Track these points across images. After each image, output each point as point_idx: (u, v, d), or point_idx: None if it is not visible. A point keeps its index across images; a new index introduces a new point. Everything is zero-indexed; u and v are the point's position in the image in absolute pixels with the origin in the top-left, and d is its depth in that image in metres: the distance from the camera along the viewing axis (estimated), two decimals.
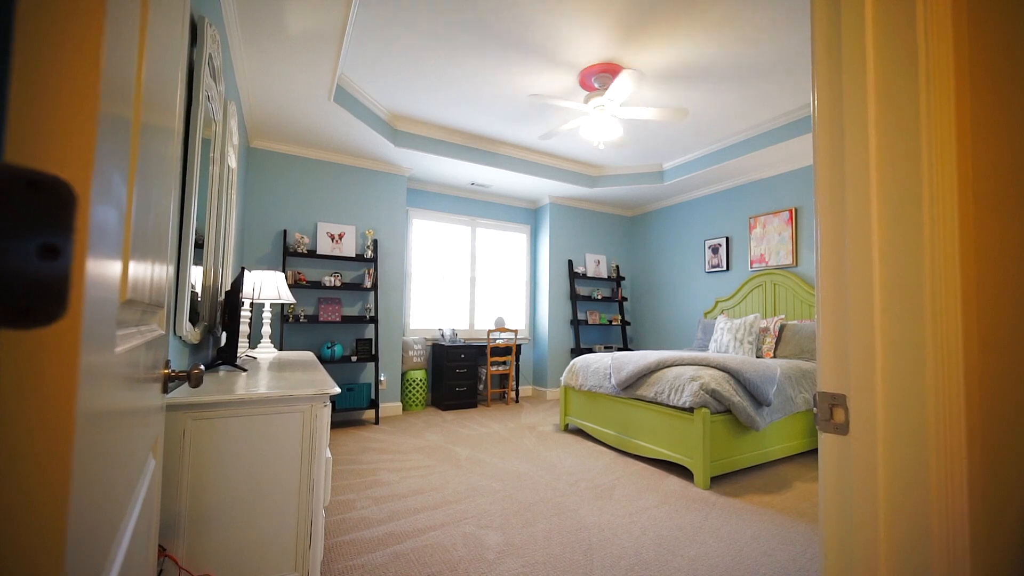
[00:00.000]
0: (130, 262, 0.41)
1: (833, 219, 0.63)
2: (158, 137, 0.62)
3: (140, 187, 0.45)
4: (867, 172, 0.59)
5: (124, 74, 0.37)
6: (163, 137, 0.69)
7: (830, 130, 0.64)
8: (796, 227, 4.42)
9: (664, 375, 3.04)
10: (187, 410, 1.32)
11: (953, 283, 0.52)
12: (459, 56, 3.04)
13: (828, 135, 0.64)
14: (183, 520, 1.30)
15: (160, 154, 0.65)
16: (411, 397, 4.76)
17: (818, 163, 0.65)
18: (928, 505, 0.51)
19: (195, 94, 1.64)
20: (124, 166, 0.37)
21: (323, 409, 1.51)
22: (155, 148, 0.62)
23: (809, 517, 2.27)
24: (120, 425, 0.44)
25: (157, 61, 0.60)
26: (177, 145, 0.87)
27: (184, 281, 1.58)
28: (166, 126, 0.71)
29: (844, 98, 0.62)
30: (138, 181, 0.43)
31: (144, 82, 0.45)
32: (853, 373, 0.57)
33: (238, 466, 1.38)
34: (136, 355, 0.52)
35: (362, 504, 2.39)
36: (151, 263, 0.59)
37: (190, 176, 1.62)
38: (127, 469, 0.49)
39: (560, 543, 2.00)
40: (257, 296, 2.82)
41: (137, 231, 0.44)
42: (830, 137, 0.64)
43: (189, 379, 0.86)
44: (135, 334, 0.51)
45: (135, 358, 0.52)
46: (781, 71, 3.15)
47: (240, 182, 3.55)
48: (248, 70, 2.90)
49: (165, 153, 0.71)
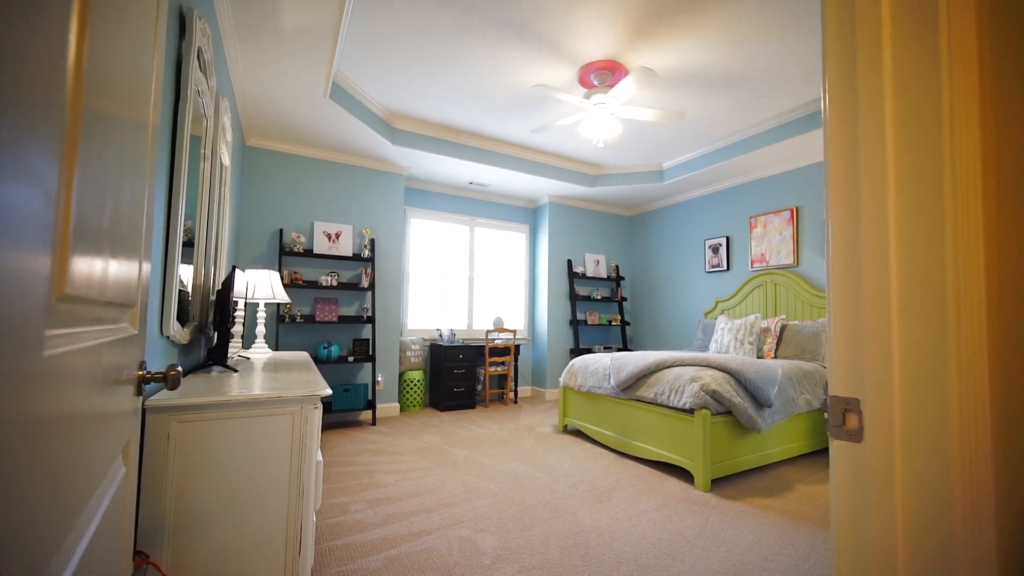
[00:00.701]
0: (70, 255, 0.37)
1: (845, 213, 0.59)
2: (122, 128, 0.59)
3: (87, 176, 0.41)
4: (883, 162, 0.55)
5: (41, 52, 0.33)
6: (131, 129, 0.65)
7: (842, 119, 0.60)
8: (797, 226, 4.38)
9: (664, 376, 3.00)
10: (172, 412, 1.27)
11: (977, 279, 0.48)
12: (457, 47, 3.00)
13: (840, 125, 0.60)
14: (168, 526, 1.26)
15: (126, 146, 0.62)
16: (409, 398, 4.71)
17: (829, 155, 0.61)
18: (952, 517, 0.47)
19: (183, 87, 1.60)
20: (50, 148, 0.33)
21: (313, 411, 1.47)
22: (117, 139, 0.59)
23: (812, 520, 2.23)
24: (63, 431, 0.40)
25: (115, 48, 0.56)
26: (154, 139, 0.83)
27: (171, 279, 1.54)
28: (135, 118, 0.67)
29: (858, 84, 0.58)
30: (82, 169, 0.40)
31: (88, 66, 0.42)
32: (868, 376, 0.53)
33: (225, 470, 1.34)
34: (91, 356, 0.48)
35: (357, 507, 2.34)
36: (111, 258, 0.55)
37: (178, 172, 1.58)
38: (77, 476, 0.45)
39: (558, 547, 1.96)
40: (251, 295, 2.78)
41: (82, 222, 0.40)
42: (842, 126, 0.60)
43: (166, 380, 0.82)
44: (88, 334, 0.47)
45: (90, 359, 0.48)
46: (782, 71, 3.11)
47: (235, 181, 3.51)
48: (242, 66, 2.85)
49: (134, 146, 0.67)
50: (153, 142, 0.83)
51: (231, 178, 3.13)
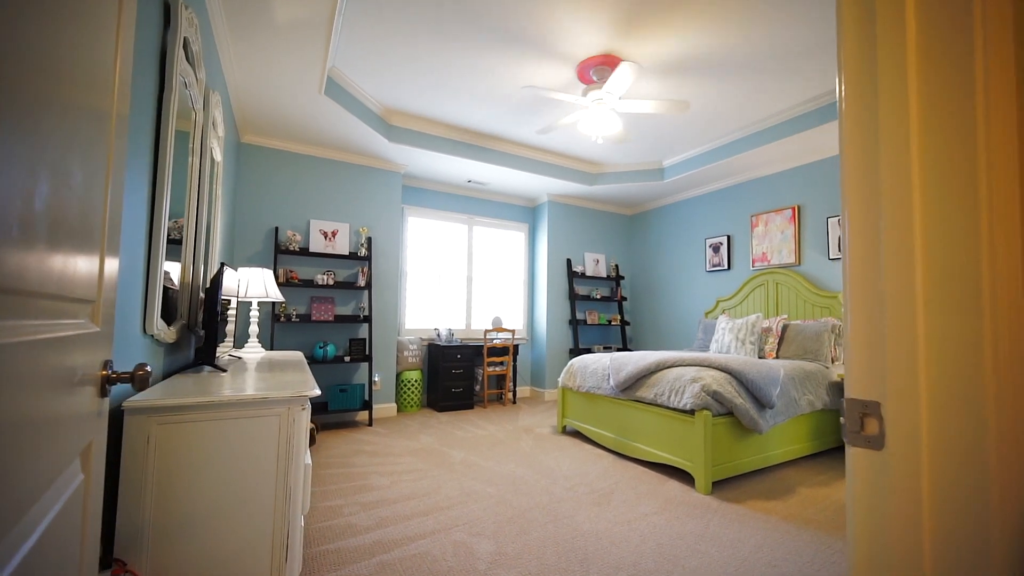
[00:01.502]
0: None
1: (863, 202, 0.54)
2: (67, 113, 0.54)
3: (21, 161, 0.37)
4: (905, 148, 0.50)
5: None
6: (83, 116, 0.60)
7: (860, 100, 0.55)
8: (799, 225, 4.33)
9: (664, 376, 2.95)
10: (151, 414, 1.22)
11: (1015, 269, 0.43)
12: (454, 49, 2.95)
13: (858, 106, 0.55)
14: (147, 532, 1.21)
15: (76, 133, 0.57)
16: (406, 398, 4.66)
17: (845, 138, 0.56)
18: (988, 534, 0.42)
19: (168, 78, 1.55)
20: None
21: (301, 412, 1.42)
22: (68, 126, 0.54)
23: (816, 525, 2.18)
24: None
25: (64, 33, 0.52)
26: (120, 127, 0.78)
27: (155, 276, 1.49)
28: (88, 104, 0.62)
29: (879, 56, 0.52)
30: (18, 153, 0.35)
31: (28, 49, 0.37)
32: (890, 377, 0.48)
33: (208, 474, 1.29)
34: (21, 353, 0.43)
35: (350, 510, 2.29)
36: (52, 249, 0.50)
37: (162, 165, 1.53)
38: (8, 485, 0.40)
39: (555, 552, 1.91)
40: (244, 294, 2.73)
41: (15, 210, 0.35)
42: (860, 108, 0.55)
43: (132, 381, 0.77)
44: (19, 328, 0.42)
45: (21, 356, 0.43)
46: (785, 63, 3.06)
47: (230, 178, 3.45)
48: (234, 60, 2.80)
49: (88, 134, 0.62)
50: (119, 131, 0.78)
51: (224, 174, 3.08)
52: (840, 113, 0.56)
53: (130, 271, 1.31)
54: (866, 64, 0.53)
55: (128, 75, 0.82)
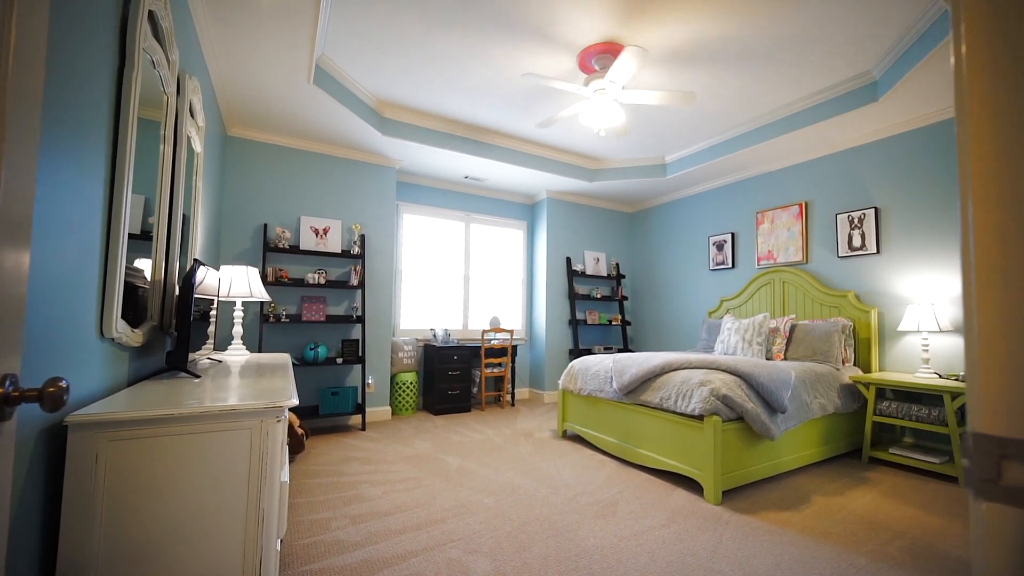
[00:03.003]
0: None
1: (1014, 163, 0.39)
2: None
3: None
4: None
5: None
6: None
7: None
8: (807, 222, 4.19)
9: (670, 379, 2.81)
10: (99, 430, 1.07)
11: None
12: (449, 36, 2.79)
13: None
14: (95, 565, 1.06)
15: None
16: (401, 401, 4.51)
17: (970, 97, 0.42)
18: None
19: (129, 53, 1.39)
20: None
21: (276, 425, 1.27)
22: None
23: (834, 539, 2.04)
24: None
25: None
26: (32, 105, 0.64)
27: (113, 273, 1.34)
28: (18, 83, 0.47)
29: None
30: None
31: None
32: None
33: (169, 496, 1.14)
34: None
35: (338, 524, 2.14)
36: None
37: (122, 151, 1.37)
38: None
39: (557, 571, 1.76)
40: (226, 293, 2.58)
41: None
42: None
43: (41, 400, 0.62)
44: None
45: None
46: (796, 52, 2.92)
47: (215, 172, 3.30)
48: (217, 46, 2.64)
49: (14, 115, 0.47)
50: (29, 108, 0.63)
51: (207, 168, 2.92)
52: (958, 62, 0.42)
53: (78, 266, 1.16)
54: None
55: (41, 49, 0.66)
